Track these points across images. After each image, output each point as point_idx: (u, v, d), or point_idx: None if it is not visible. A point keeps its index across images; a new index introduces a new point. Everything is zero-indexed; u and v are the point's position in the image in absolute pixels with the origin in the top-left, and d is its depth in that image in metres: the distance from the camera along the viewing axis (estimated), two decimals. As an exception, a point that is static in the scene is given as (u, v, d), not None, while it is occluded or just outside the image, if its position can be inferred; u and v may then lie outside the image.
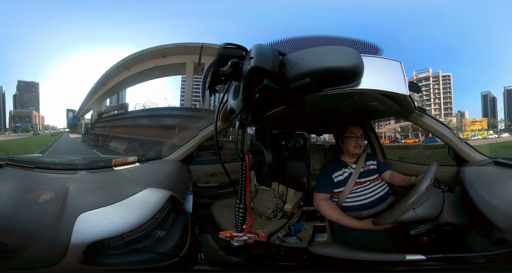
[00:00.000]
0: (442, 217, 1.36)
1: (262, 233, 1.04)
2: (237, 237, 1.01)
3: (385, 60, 1.00)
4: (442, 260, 1.14)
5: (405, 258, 1.12)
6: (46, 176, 1.36)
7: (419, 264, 1.13)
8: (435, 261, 1.14)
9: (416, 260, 1.13)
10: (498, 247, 1.13)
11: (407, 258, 1.12)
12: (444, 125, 1.78)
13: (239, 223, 0.95)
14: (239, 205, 0.93)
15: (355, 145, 1.97)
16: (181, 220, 1.45)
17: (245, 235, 1.01)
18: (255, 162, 0.86)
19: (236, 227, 0.96)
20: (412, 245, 1.39)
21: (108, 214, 1.10)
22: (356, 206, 1.85)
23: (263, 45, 0.69)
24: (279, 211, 2.24)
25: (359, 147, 1.97)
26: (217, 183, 2.49)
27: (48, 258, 0.96)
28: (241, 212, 0.93)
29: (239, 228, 0.97)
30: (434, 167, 1.42)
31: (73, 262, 0.96)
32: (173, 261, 1.17)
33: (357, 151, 1.97)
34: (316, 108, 1.83)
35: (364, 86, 0.78)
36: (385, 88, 0.99)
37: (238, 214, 0.94)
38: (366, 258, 1.17)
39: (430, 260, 1.13)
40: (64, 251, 0.96)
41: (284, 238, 1.91)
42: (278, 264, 1.43)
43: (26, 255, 0.95)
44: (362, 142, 2.00)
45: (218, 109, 0.96)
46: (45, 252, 0.97)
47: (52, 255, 0.96)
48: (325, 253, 1.24)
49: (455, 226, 1.34)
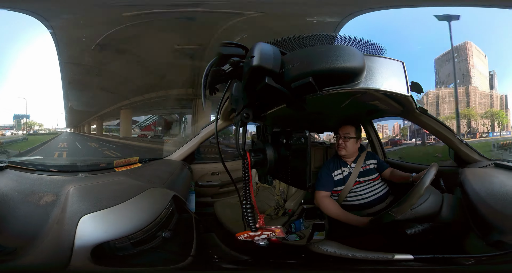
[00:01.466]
0: (440, 218, 1.36)
1: (277, 230, 1.03)
2: (256, 236, 1.00)
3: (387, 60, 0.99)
4: (431, 260, 1.12)
5: (393, 257, 1.11)
6: (47, 179, 1.36)
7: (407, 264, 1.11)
8: (423, 261, 1.12)
9: (404, 260, 1.11)
10: (496, 249, 1.12)
11: (396, 257, 1.11)
12: (444, 125, 1.78)
13: (251, 222, 0.94)
14: (246, 205, 0.92)
15: (337, 144, 1.96)
16: (185, 219, 1.45)
17: (262, 234, 1.00)
18: (257, 160, 0.86)
19: (250, 226, 0.96)
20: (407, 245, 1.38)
21: (111, 216, 1.09)
22: (355, 205, 1.86)
23: (264, 43, 0.69)
24: (280, 208, 2.25)
25: (341, 148, 1.94)
26: (219, 181, 2.49)
27: (53, 261, 0.96)
28: (250, 211, 0.93)
29: (253, 228, 0.96)
30: (433, 167, 1.42)
31: (81, 265, 0.95)
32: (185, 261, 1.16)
33: (340, 152, 1.95)
34: (317, 107, 1.82)
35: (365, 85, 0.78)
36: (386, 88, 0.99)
37: (246, 213, 0.93)
38: (357, 256, 1.16)
39: (418, 261, 1.11)
40: (69, 255, 0.95)
41: (285, 235, 1.91)
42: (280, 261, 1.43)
43: (28, 259, 0.95)
44: (347, 143, 1.93)
45: (219, 108, 0.96)
46: (48, 256, 0.96)
47: (57, 258, 0.96)
48: (323, 251, 1.24)
49: (452, 227, 1.34)
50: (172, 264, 1.12)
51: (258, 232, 0.99)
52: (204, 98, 0.84)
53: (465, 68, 2.94)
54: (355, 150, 1.96)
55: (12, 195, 1.11)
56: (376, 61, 0.86)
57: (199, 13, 1.94)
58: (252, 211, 0.94)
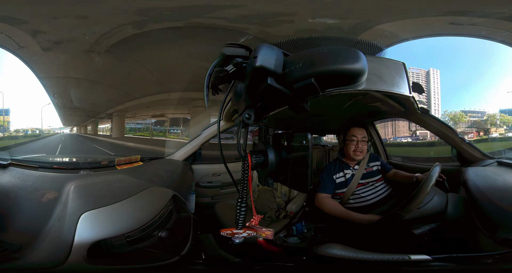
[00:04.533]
0: (446, 217, 1.36)
1: (267, 232, 1.03)
2: (238, 234, 1.01)
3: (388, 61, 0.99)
4: (448, 260, 1.13)
5: (410, 258, 1.11)
6: (49, 176, 1.37)
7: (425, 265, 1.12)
8: (441, 261, 1.13)
9: (421, 261, 1.12)
10: (504, 247, 1.12)
11: (413, 258, 1.11)
12: (447, 125, 1.78)
13: (240, 220, 0.95)
14: (241, 204, 0.92)
15: (355, 149, 1.87)
16: (183, 219, 1.45)
17: (244, 232, 1.01)
18: (258, 162, 0.86)
19: (237, 224, 0.96)
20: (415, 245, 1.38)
21: (111, 213, 1.10)
22: (358, 207, 1.84)
23: (267, 44, 0.69)
24: (282, 211, 2.24)
25: (359, 153, 1.87)
26: (220, 182, 2.49)
27: (53, 258, 0.96)
28: (243, 210, 0.93)
29: (239, 226, 0.96)
30: (437, 167, 1.42)
31: (78, 261, 0.96)
32: (174, 260, 1.17)
33: (357, 157, 1.88)
34: (319, 108, 1.82)
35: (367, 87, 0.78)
36: (388, 89, 0.99)
37: (239, 211, 0.93)
38: (369, 258, 1.17)
39: (436, 260, 1.12)
40: (68, 251, 0.96)
41: (286, 238, 1.91)
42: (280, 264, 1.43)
43: (31, 255, 0.96)
44: (364, 147, 1.88)
45: (222, 109, 0.96)
46: (49, 252, 0.97)
47: (57, 254, 0.96)
48: (327, 253, 1.24)
49: (458, 226, 1.34)
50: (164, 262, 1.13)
51: (242, 230, 0.99)
52: (207, 98, 0.84)
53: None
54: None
55: (15, 192, 1.12)
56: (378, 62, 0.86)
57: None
58: (245, 210, 0.94)
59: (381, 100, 1.58)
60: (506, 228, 1.13)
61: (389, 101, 1.58)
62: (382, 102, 1.64)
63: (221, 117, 1.01)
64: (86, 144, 2.86)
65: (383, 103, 1.67)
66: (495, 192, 1.26)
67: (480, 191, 1.32)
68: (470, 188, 1.39)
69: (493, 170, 1.55)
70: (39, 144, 2.60)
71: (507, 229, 1.12)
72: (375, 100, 1.60)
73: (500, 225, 1.14)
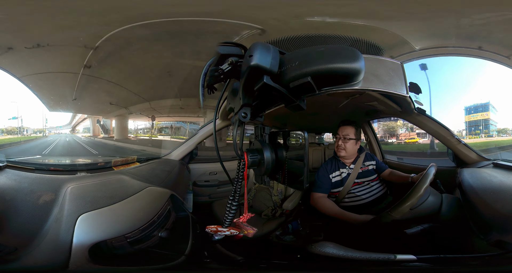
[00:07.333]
0: (440, 218, 1.36)
1: (250, 231, 1.04)
2: (221, 232, 1.02)
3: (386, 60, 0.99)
4: (434, 260, 1.13)
5: (395, 258, 1.11)
6: (45, 178, 1.36)
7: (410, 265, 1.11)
8: (426, 262, 1.13)
9: (406, 260, 1.11)
10: (497, 248, 1.13)
11: (398, 258, 1.12)
12: (443, 126, 1.78)
13: (227, 219, 0.95)
14: (232, 203, 0.93)
15: (337, 145, 1.93)
16: (182, 219, 1.45)
17: (228, 231, 1.02)
18: (254, 160, 0.86)
19: (224, 222, 0.97)
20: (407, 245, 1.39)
21: (109, 215, 1.09)
22: (353, 206, 1.85)
23: (262, 43, 0.69)
24: (278, 209, 2.24)
25: (340, 149, 1.92)
26: (217, 181, 2.49)
27: (52, 261, 0.95)
28: (232, 209, 0.94)
29: (225, 224, 0.97)
30: (432, 168, 1.42)
31: (82, 263, 0.95)
32: (179, 260, 1.17)
33: (339, 153, 1.93)
34: (316, 107, 1.83)
35: (364, 86, 0.78)
36: (385, 89, 0.99)
37: (228, 210, 0.94)
38: (357, 257, 1.17)
39: (421, 261, 1.12)
40: (68, 253, 0.95)
41: (282, 236, 1.91)
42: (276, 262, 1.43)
43: (29, 258, 0.95)
44: (347, 144, 1.91)
45: (217, 108, 0.96)
46: (48, 254, 0.96)
47: (56, 257, 0.95)
48: (321, 252, 1.24)
49: (452, 227, 1.35)
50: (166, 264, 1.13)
51: (226, 229, 1.00)
52: (202, 97, 0.84)
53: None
54: (354, 152, 1.95)
55: (12, 194, 1.10)
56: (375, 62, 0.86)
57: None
58: (235, 210, 0.95)
59: (378, 99, 1.58)
60: (499, 230, 1.13)
61: (386, 101, 1.59)
62: (379, 101, 1.64)
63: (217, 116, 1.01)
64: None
65: (379, 103, 1.68)
66: (490, 194, 1.27)
67: (475, 192, 1.32)
68: (465, 189, 1.39)
69: (489, 171, 1.55)
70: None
71: (501, 231, 1.13)
72: (372, 99, 1.60)
73: (494, 226, 1.15)
